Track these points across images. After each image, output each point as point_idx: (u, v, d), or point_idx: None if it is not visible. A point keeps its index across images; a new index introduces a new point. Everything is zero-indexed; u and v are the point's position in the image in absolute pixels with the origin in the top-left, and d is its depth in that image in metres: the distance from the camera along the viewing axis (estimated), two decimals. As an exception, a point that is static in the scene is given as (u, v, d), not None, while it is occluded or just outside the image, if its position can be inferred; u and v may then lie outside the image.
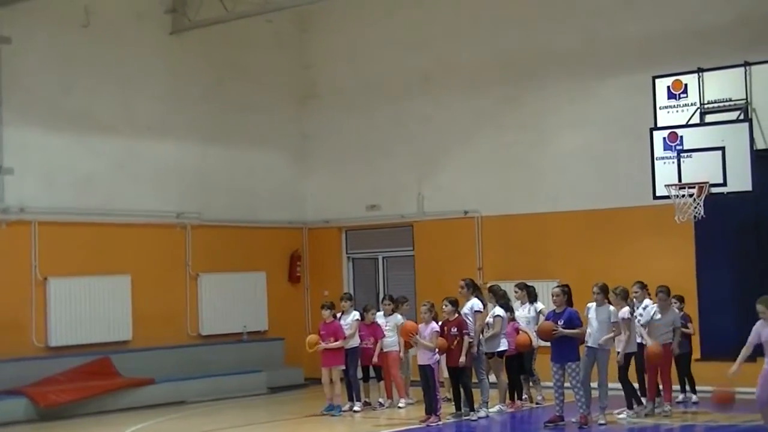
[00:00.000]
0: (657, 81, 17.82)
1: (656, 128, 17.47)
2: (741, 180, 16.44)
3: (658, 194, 17.26)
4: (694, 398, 17.30)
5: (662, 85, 17.76)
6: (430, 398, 16.33)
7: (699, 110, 17.37)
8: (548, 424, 15.65)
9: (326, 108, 23.96)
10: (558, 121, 20.78)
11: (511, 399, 17.57)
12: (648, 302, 16.36)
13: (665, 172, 17.09)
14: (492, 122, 21.60)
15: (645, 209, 18.75)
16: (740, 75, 17.02)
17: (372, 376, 18.45)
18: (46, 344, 19.40)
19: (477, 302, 16.94)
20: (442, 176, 22.33)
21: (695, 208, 16.70)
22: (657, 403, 16.28)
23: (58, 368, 19.08)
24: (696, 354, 17.73)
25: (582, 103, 20.43)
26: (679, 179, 16.88)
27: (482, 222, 21.69)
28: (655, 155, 17.24)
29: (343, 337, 17.73)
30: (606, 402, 15.73)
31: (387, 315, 18.38)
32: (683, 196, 16.80)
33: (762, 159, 16.53)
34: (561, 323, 15.46)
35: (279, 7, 20.96)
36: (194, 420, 18.16)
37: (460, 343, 16.34)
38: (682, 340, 16.79)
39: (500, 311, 17.12)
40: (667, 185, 16.98)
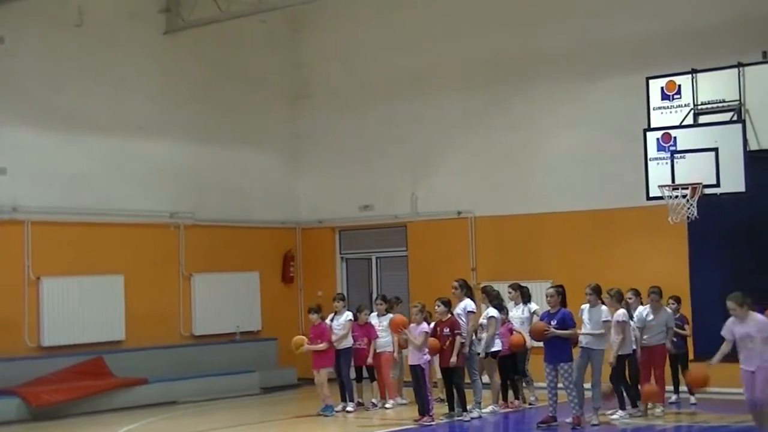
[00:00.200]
0: (651, 82, 17.83)
1: (650, 129, 17.47)
2: (734, 181, 16.45)
3: (652, 195, 17.26)
4: (693, 399, 17.27)
5: (656, 86, 17.76)
6: (422, 398, 16.34)
7: (692, 111, 17.38)
8: (541, 425, 15.64)
9: (319, 108, 23.96)
10: (552, 122, 20.78)
11: (504, 399, 17.59)
12: (643, 308, 16.35)
13: (659, 173, 17.09)
14: (485, 123, 21.60)
15: (638, 210, 18.75)
16: (734, 76, 17.03)
17: (365, 377, 18.44)
18: (39, 344, 19.37)
19: (470, 303, 16.93)
20: (436, 177, 22.33)
21: (688, 209, 16.71)
22: (652, 405, 16.31)
23: (51, 368, 19.05)
24: (689, 355, 17.71)
25: (576, 104, 20.44)
26: (673, 180, 16.89)
27: (476, 222, 21.69)
28: (649, 156, 17.24)
29: (328, 339, 17.74)
30: (599, 403, 15.74)
31: (380, 315, 18.37)
32: (677, 197, 16.81)
33: (755, 160, 16.54)
34: (554, 324, 15.47)
35: (272, 7, 20.96)
36: (187, 420, 18.14)
37: (453, 344, 16.33)
38: (678, 341, 16.80)
39: (494, 312, 17.11)
40: (661, 186, 16.98)
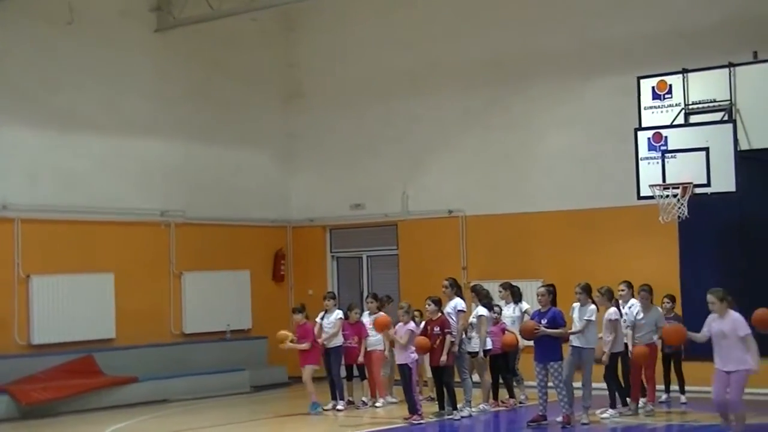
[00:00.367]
0: (642, 82, 17.82)
1: (641, 129, 17.47)
2: (725, 181, 16.46)
3: (643, 194, 17.26)
4: (683, 398, 17.29)
5: (647, 86, 17.76)
6: (410, 397, 16.36)
7: (683, 111, 17.38)
8: (531, 424, 15.67)
9: (312, 107, 23.94)
10: (543, 122, 20.79)
11: (494, 398, 17.61)
12: (634, 302, 16.39)
13: (649, 173, 17.10)
14: (477, 122, 21.60)
15: (629, 209, 18.76)
16: (724, 76, 17.04)
17: (356, 375, 18.44)
18: (29, 342, 19.33)
19: (460, 302, 16.95)
20: (427, 176, 22.33)
21: (679, 209, 16.71)
22: (642, 404, 16.33)
23: (41, 366, 19.02)
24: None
25: (567, 104, 20.46)
26: (664, 180, 16.90)
27: (467, 222, 21.69)
28: (640, 156, 17.24)
29: (311, 339, 17.71)
30: (589, 401, 15.76)
31: (372, 313, 18.36)
32: (667, 197, 16.81)
33: (746, 160, 16.55)
34: (544, 323, 15.48)
35: (265, 6, 20.93)
36: (177, 418, 18.12)
37: (443, 343, 16.34)
38: None
39: (484, 311, 17.13)
40: (652, 185, 16.98)
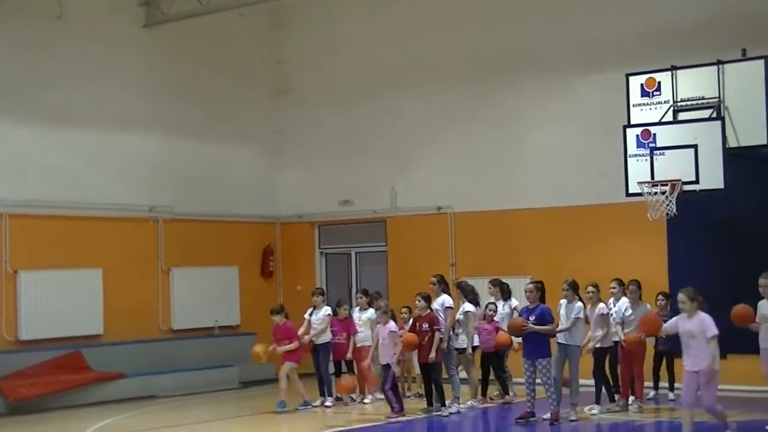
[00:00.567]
0: (630, 78, 17.85)
1: (629, 125, 17.50)
2: (713, 178, 16.50)
3: (631, 191, 17.29)
4: (671, 395, 17.30)
5: (636, 83, 17.79)
6: (391, 395, 16.40)
7: (672, 108, 17.41)
8: (519, 420, 15.68)
9: (300, 103, 23.92)
10: (532, 118, 20.80)
11: (483, 395, 17.65)
12: (624, 300, 16.40)
13: (638, 170, 17.12)
14: (466, 119, 21.60)
15: (618, 206, 18.78)
16: (713, 73, 17.07)
17: (344, 371, 18.42)
18: (17, 338, 19.29)
19: (448, 298, 16.97)
20: (416, 172, 22.33)
21: (668, 206, 16.74)
22: (631, 400, 16.36)
23: (29, 362, 18.97)
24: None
25: (556, 101, 20.46)
26: (652, 177, 16.92)
27: (455, 218, 21.70)
28: (628, 152, 17.27)
29: (297, 338, 17.66)
30: (577, 398, 15.79)
31: (361, 309, 18.35)
32: (656, 194, 16.83)
33: (734, 157, 16.59)
34: (533, 319, 15.50)
35: (253, 2, 20.93)
36: (165, 414, 18.10)
37: (432, 339, 16.35)
38: (665, 338, 16.81)
39: (470, 307, 17.15)
40: (640, 182, 17.01)
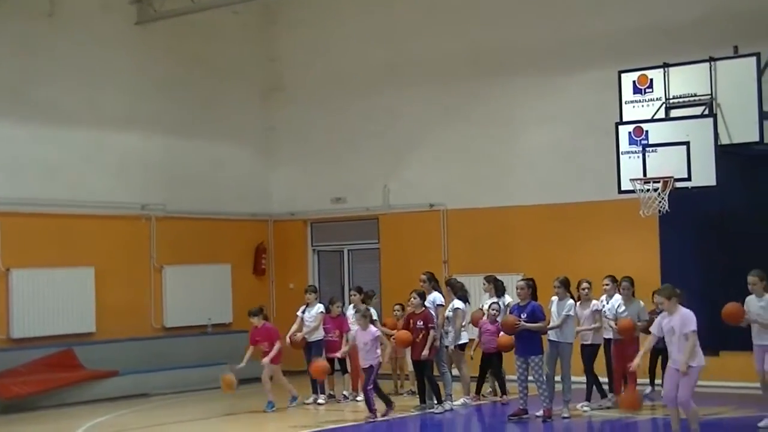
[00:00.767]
0: (623, 76, 17.84)
1: (622, 123, 17.50)
2: (705, 175, 16.50)
3: (624, 188, 17.29)
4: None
5: (628, 80, 17.78)
6: (381, 395, 16.35)
7: (664, 105, 17.41)
8: (512, 417, 15.72)
9: (293, 101, 23.91)
10: (524, 116, 20.80)
11: (477, 393, 17.71)
12: (618, 297, 16.42)
13: (630, 167, 17.12)
14: (459, 116, 21.60)
15: (610, 203, 18.80)
16: (705, 70, 17.07)
17: (337, 369, 18.42)
18: (9, 336, 19.25)
19: (439, 296, 17.04)
20: (408, 169, 22.33)
21: (660, 203, 16.75)
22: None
23: (21, 360, 18.94)
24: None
25: (548, 98, 20.47)
26: (644, 174, 16.92)
27: (448, 215, 21.70)
28: (621, 150, 17.26)
29: (276, 339, 17.59)
30: (570, 395, 15.82)
31: (356, 306, 18.31)
32: (648, 191, 16.84)
33: (726, 154, 16.60)
34: (524, 317, 15.51)
35: (245, -1, 20.94)
36: (157, 412, 18.09)
37: (425, 337, 16.36)
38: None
39: (459, 304, 17.15)
40: (633, 179, 17.01)
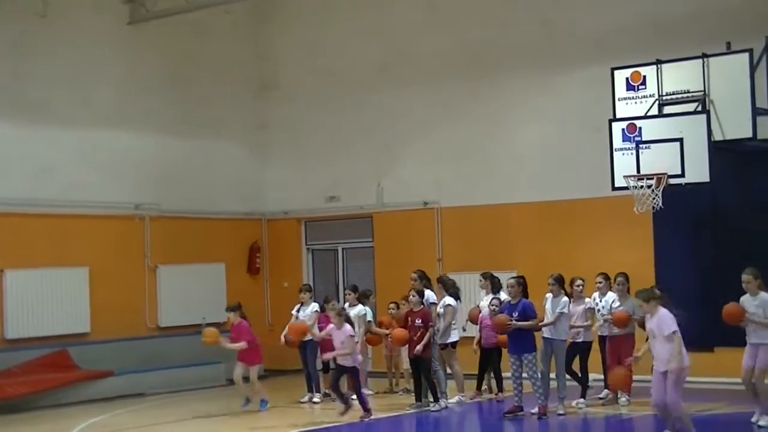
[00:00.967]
0: (616, 72, 17.84)
1: (615, 119, 17.50)
2: (699, 171, 16.50)
3: (617, 185, 17.28)
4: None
5: (621, 77, 17.78)
6: (339, 395, 16.21)
7: (657, 102, 17.41)
8: (507, 415, 15.73)
9: (286, 99, 23.90)
10: (518, 113, 20.82)
11: (478, 389, 17.78)
12: (611, 294, 16.44)
13: (624, 164, 17.12)
14: (452, 114, 21.60)
15: (604, 200, 18.80)
16: (698, 67, 17.07)
17: (332, 368, 18.40)
18: (3, 336, 19.23)
19: (431, 294, 17.06)
20: (402, 168, 22.34)
21: (654, 199, 16.75)
22: (620, 394, 16.40)
23: (16, 361, 18.94)
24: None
25: (541, 95, 20.48)
26: (638, 170, 16.91)
27: (442, 213, 21.71)
28: (614, 146, 17.26)
29: (247, 338, 17.32)
30: (565, 392, 15.85)
31: (351, 305, 18.34)
32: (642, 187, 16.83)
33: (719, 150, 16.60)
34: (515, 315, 15.52)
35: (237, -2, 20.94)
36: (153, 412, 18.09)
37: (423, 335, 16.37)
38: None
39: (451, 301, 17.17)
40: (626, 176, 17.00)
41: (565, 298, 15.88)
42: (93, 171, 20.75)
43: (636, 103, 17.61)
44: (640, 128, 17.09)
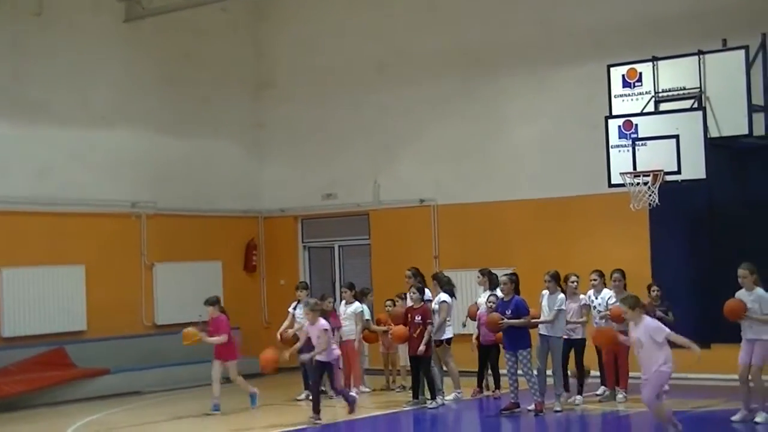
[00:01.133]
0: (612, 70, 17.87)
1: (611, 116, 17.52)
2: (695, 168, 16.52)
3: (614, 182, 17.31)
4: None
5: (617, 74, 17.81)
6: (316, 399, 16.03)
7: (653, 99, 17.43)
8: (504, 412, 15.75)
9: (283, 97, 23.90)
10: (514, 110, 20.83)
11: (479, 386, 17.80)
12: (607, 291, 16.45)
13: (620, 161, 17.14)
14: (449, 112, 21.61)
15: (600, 197, 18.81)
16: (694, 64, 17.10)
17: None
18: (0, 335, 19.23)
19: (426, 291, 17.02)
20: (399, 165, 22.35)
21: (650, 196, 16.76)
22: (618, 390, 16.41)
23: (12, 359, 18.94)
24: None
25: (538, 93, 20.50)
26: (634, 167, 16.94)
27: (438, 211, 21.72)
28: (610, 143, 17.27)
29: (226, 332, 17.26)
30: (561, 389, 15.85)
31: (347, 303, 18.34)
32: (638, 184, 16.85)
33: (715, 147, 16.63)
34: (508, 313, 15.54)
35: (234, -5, 20.94)
36: (150, 410, 18.10)
37: (423, 332, 16.38)
38: None
39: (446, 297, 17.16)
40: (622, 173, 17.03)
41: (562, 295, 15.90)
42: (90, 169, 20.75)
43: (632, 100, 17.63)
44: (637, 125, 17.11)
